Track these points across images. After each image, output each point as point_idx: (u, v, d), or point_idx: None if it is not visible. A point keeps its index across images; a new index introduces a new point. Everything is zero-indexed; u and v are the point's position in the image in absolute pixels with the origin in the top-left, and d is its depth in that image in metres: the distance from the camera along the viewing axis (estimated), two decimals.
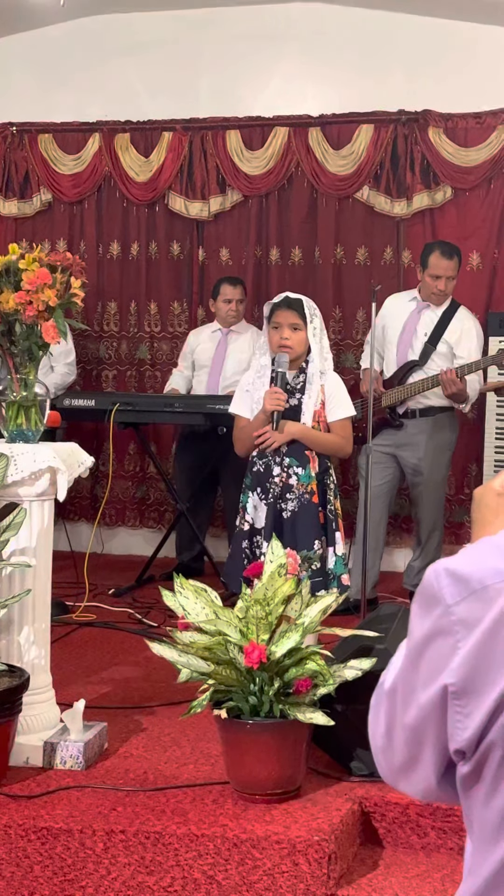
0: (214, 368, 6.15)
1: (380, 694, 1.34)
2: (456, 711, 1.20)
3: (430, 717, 1.23)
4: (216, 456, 5.91)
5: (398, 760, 1.31)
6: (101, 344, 7.04)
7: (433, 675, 1.22)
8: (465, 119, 6.34)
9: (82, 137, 6.93)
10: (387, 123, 6.45)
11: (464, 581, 1.21)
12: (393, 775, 1.33)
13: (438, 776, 1.27)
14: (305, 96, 6.61)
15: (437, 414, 5.50)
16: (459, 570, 1.22)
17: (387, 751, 1.32)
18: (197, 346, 6.30)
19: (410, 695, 1.25)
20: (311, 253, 6.67)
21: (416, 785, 1.31)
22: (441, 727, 1.23)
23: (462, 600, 1.20)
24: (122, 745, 3.42)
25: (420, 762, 1.28)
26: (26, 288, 3.19)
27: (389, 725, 1.30)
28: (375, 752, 1.35)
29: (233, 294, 6.15)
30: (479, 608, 1.19)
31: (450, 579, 1.22)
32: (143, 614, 5.21)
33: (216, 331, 6.27)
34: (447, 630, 1.21)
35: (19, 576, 3.27)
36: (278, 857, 2.74)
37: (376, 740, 1.34)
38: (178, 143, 6.76)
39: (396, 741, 1.29)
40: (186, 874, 2.78)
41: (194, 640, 2.97)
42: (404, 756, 1.29)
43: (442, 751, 1.24)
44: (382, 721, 1.32)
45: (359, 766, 3.16)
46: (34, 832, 2.85)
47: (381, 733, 1.32)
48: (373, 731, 1.35)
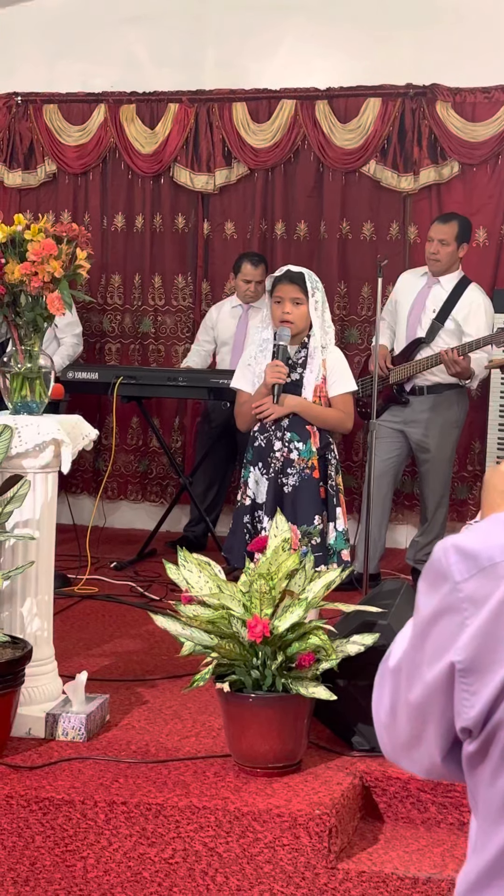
0: (237, 345, 6.13)
1: (384, 671, 1.33)
2: (462, 689, 1.20)
3: (436, 695, 1.22)
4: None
5: (402, 738, 1.30)
6: (105, 317, 7.01)
7: (440, 652, 1.21)
8: (474, 93, 6.29)
9: (87, 108, 6.89)
10: (394, 97, 6.40)
11: (472, 558, 1.20)
12: (396, 752, 1.33)
13: (443, 754, 1.27)
14: (312, 69, 6.56)
15: (444, 391, 5.49)
16: (468, 547, 1.21)
17: (390, 728, 1.32)
18: (218, 322, 6.29)
19: (416, 672, 1.25)
20: (317, 227, 6.64)
21: (419, 762, 1.31)
22: (447, 705, 1.22)
23: (470, 577, 1.19)
24: (123, 718, 3.43)
25: (424, 740, 1.27)
26: (32, 259, 3.17)
27: (394, 703, 1.30)
28: (379, 729, 1.35)
29: (253, 275, 6.12)
30: (487, 585, 1.18)
31: (458, 556, 1.21)
32: (144, 588, 5.21)
33: (236, 306, 6.25)
34: (455, 607, 1.20)
35: (23, 547, 3.27)
36: (279, 830, 2.75)
37: (380, 717, 1.34)
38: (184, 115, 6.71)
39: (400, 719, 1.29)
40: (187, 846, 2.79)
41: (197, 613, 2.97)
42: (408, 734, 1.29)
43: (447, 729, 1.24)
44: (387, 698, 1.31)
45: (360, 740, 3.17)
46: (36, 803, 2.86)
47: (385, 710, 1.32)
48: (376, 708, 1.34)
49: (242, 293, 6.17)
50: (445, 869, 2.74)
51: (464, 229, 5.52)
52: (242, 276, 6.14)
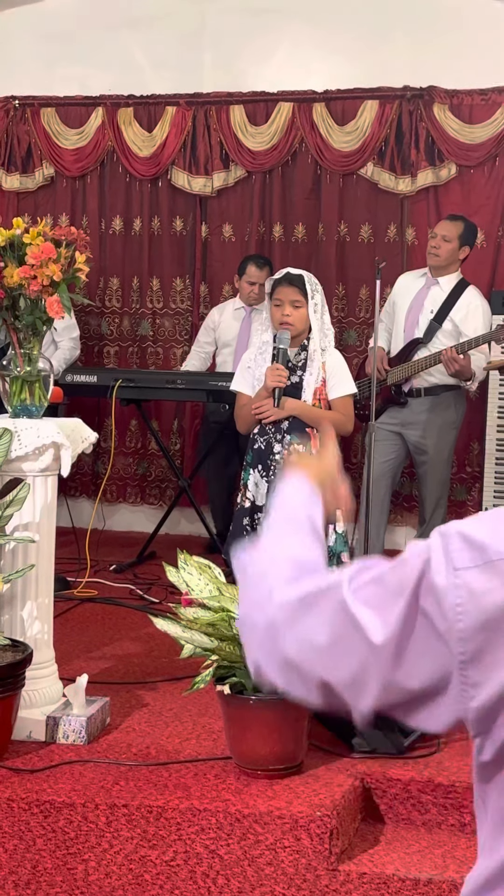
0: (240, 347, 6.13)
1: (347, 621, 1.19)
2: (461, 681, 1.15)
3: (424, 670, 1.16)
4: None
5: (366, 704, 1.20)
6: (103, 320, 7.02)
7: (429, 636, 1.15)
8: (471, 96, 6.30)
9: (85, 111, 6.89)
10: (392, 99, 6.42)
11: (479, 548, 1.14)
12: (338, 701, 1.23)
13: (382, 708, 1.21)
14: (310, 71, 6.57)
15: (441, 393, 5.50)
16: (475, 537, 1.15)
17: (349, 691, 1.21)
18: (220, 324, 6.29)
19: (403, 656, 1.17)
20: (315, 230, 6.64)
21: (360, 703, 1.22)
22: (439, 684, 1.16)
23: (474, 567, 1.13)
24: (124, 720, 3.43)
25: (368, 691, 1.19)
26: (30, 262, 3.17)
27: (363, 672, 1.19)
28: (281, 638, 1.23)
29: (258, 277, 6.12)
30: (493, 579, 1.12)
31: (463, 543, 1.15)
32: (144, 590, 5.21)
33: (239, 308, 6.25)
34: (447, 592, 1.13)
35: (22, 551, 3.27)
36: (280, 832, 2.75)
37: (311, 641, 1.21)
38: (182, 118, 6.72)
39: (374, 690, 1.19)
40: (188, 848, 2.79)
41: (198, 616, 2.97)
42: (378, 703, 1.20)
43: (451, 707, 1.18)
44: (352, 664, 1.19)
45: (360, 742, 3.17)
46: (37, 806, 2.86)
47: (346, 678, 1.20)
48: (303, 630, 1.22)
49: (246, 295, 6.18)
50: (446, 870, 2.75)
51: (469, 231, 5.54)
52: (247, 279, 6.15)
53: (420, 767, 3.07)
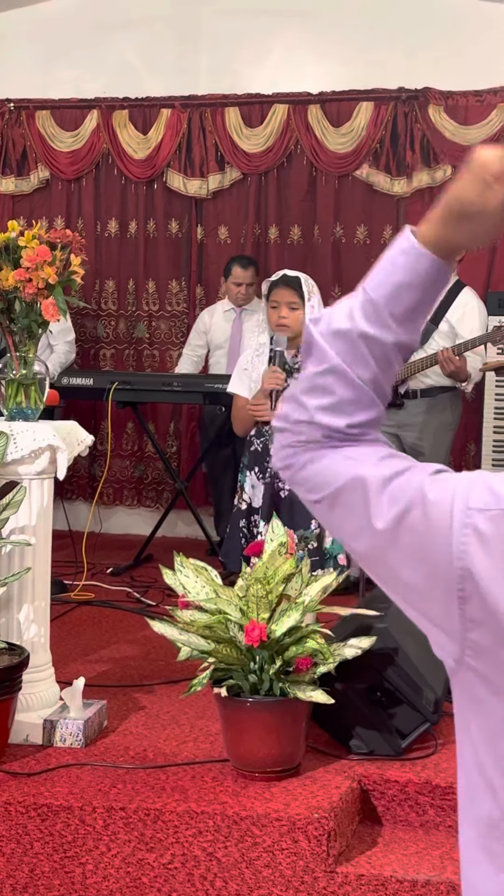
0: (232, 349, 6.14)
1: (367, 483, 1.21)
2: (460, 614, 1.16)
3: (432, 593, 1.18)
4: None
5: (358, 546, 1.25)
6: (99, 323, 7.02)
7: (432, 559, 1.16)
8: (466, 97, 6.31)
9: (80, 114, 6.90)
10: (387, 101, 6.42)
11: (497, 496, 1.14)
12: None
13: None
14: (305, 73, 6.58)
15: (437, 394, 5.50)
16: (497, 487, 1.15)
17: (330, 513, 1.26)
18: (211, 326, 6.29)
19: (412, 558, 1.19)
20: (311, 231, 6.65)
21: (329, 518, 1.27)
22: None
23: (488, 511, 1.13)
24: (121, 723, 3.42)
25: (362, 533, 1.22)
26: (26, 265, 3.17)
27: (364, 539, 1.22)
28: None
29: (243, 277, 6.13)
30: (500, 528, 1.12)
31: (485, 488, 1.15)
32: (141, 593, 5.21)
33: (229, 310, 6.26)
34: (458, 523, 1.14)
35: (19, 554, 3.27)
36: (278, 834, 2.75)
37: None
38: (177, 121, 6.72)
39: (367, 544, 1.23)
40: (186, 851, 2.79)
41: (194, 618, 2.97)
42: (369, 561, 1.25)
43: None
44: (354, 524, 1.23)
45: (358, 744, 3.17)
46: (34, 809, 2.86)
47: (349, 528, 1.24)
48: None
49: (234, 296, 6.19)
50: (444, 871, 2.74)
51: None
52: (233, 279, 6.15)
53: (417, 769, 3.07)
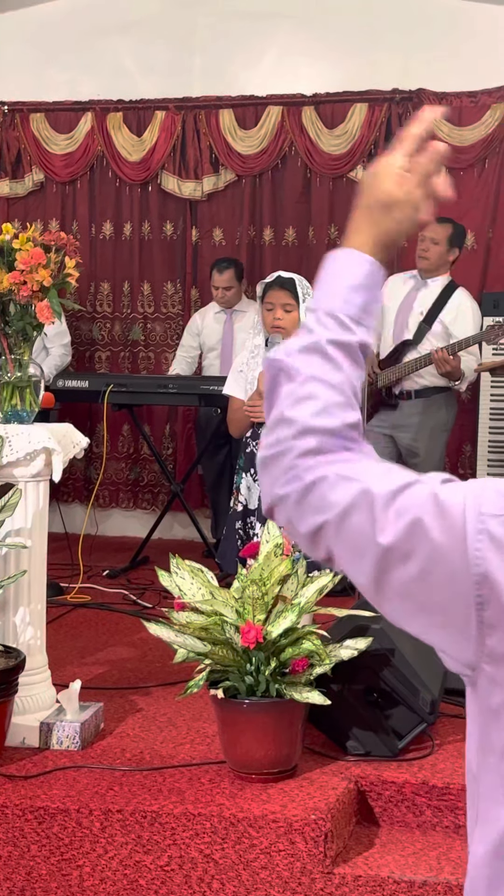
0: (225, 350, 6.15)
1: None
2: (478, 620, 1.15)
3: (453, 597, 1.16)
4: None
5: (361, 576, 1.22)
6: (95, 325, 7.02)
7: (448, 566, 1.15)
8: (460, 98, 6.32)
9: (74, 117, 6.90)
10: (381, 102, 6.43)
11: None
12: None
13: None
14: (299, 75, 6.58)
15: (432, 395, 5.50)
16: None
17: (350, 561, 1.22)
18: (203, 329, 6.31)
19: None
20: (305, 233, 6.65)
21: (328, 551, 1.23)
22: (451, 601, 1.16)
23: (500, 516, 1.13)
24: (118, 726, 3.42)
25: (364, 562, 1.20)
26: (20, 268, 3.17)
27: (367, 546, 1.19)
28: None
29: (220, 281, 6.17)
30: None
31: (495, 492, 1.15)
32: (137, 595, 5.21)
33: (219, 312, 6.27)
34: (471, 529, 1.14)
35: (15, 557, 3.26)
36: (275, 835, 2.75)
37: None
38: (171, 123, 6.73)
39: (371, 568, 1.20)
40: (183, 853, 2.78)
41: (191, 620, 2.97)
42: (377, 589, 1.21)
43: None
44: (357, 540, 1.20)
45: (354, 745, 3.17)
46: (31, 812, 2.86)
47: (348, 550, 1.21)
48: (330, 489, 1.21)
49: (219, 300, 6.22)
50: (441, 872, 2.74)
51: (457, 233, 5.55)
52: (213, 284, 6.20)
53: (414, 769, 3.07)
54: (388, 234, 1.30)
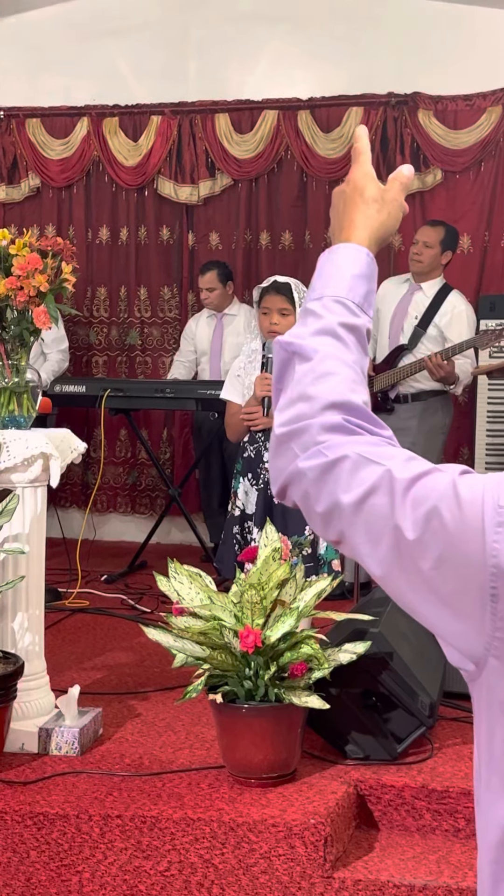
0: (214, 354, 6.16)
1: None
2: (492, 612, 1.14)
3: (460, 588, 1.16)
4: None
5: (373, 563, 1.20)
6: (91, 330, 7.02)
7: (464, 561, 1.14)
8: (455, 101, 6.33)
9: (70, 122, 6.90)
10: (376, 106, 6.44)
11: None
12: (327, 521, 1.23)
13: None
14: (294, 79, 6.59)
15: (428, 398, 5.50)
16: None
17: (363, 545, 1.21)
18: (197, 333, 6.32)
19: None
20: (301, 237, 6.66)
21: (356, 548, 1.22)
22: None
23: None
24: (116, 731, 3.42)
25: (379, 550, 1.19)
26: (17, 273, 3.17)
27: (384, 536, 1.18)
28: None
29: (202, 282, 6.20)
30: None
31: None
32: (135, 600, 5.20)
33: (211, 315, 6.29)
34: (490, 523, 1.13)
35: (13, 562, 3.26)
36: (274, 840, 2.75)
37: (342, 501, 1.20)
38: (167, 127, 6.73)
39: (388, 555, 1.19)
40: (183, 858, 2.78)
41: (189, 625, 2.97)
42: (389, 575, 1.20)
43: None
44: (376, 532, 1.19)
45: (353, 749, 3.17)
46: (30, 818, 2.85)
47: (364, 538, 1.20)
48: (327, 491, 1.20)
49: (203, 301, 6.25)
50: (441, 876, 2.74)
51: (450, 236, 5.56)
52: (199, 287, 6.22)
53: (413, 773, 3.07)
54: (383, 228, 1.36)
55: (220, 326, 6.21)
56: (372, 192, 1.37)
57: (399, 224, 1.39)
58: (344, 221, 1.37)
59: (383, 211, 1.37)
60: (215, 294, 6.18)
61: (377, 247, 1.37)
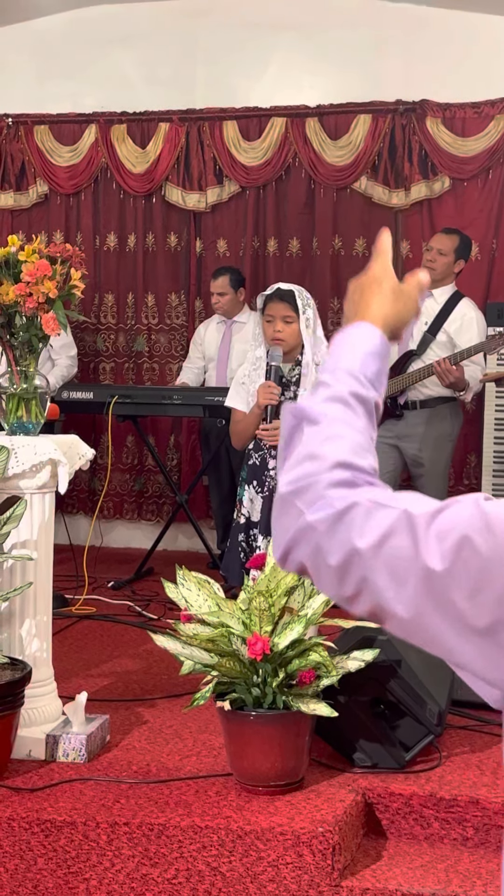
0: (221, 360, 6.16)
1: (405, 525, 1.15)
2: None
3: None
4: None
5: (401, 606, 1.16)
6: (99, 336, 7.02)
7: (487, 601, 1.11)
8: (463, 109, 6.33)
9: (78, 129, 6.91)
10: (384, 113, 6.44)
11: None
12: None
13: None
14: (302, 86, 6.60)
15: (437, 405, 5.49)
16: None
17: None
18: (205, 339, 6.32)
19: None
20: (309, 244, 6.66)
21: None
22: None
23: None
24: (124, 738, 3.41)
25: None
26: (26, 280, 3.17)
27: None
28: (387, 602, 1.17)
29: (213, 287, 6.19)
30: None
31: None
32: (142, 607, 5.20)
33: (220, 322, 6.29)
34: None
35: (21, 568, 3.26)
36: (282, 848, 2.74)
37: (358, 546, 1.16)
38: (175, 134, 6.74)
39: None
40: (190, 866, 2.77)
41: (197, 632, 2.96)
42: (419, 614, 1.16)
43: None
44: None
45: (361, 757, 3.16)
46: (38, 825, 2.85)
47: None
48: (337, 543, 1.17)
49: (214, 306, 6.25)
50: (449, 884, 2.73)
51: (464, 245, 5.57)
52: (211, 291, 6.23)
53: (422, 782, 3.06)
54: (397, 317, 1.42)
55: (229, 333, 6.21)
56: (390, 283, 1.42)
57: (412, 318, 1.44)
58: (360, 306, 1.42)
59: (399, 301, 1.41)
60: (226, 299, 6.18)
61: (390, 334, 1.40)
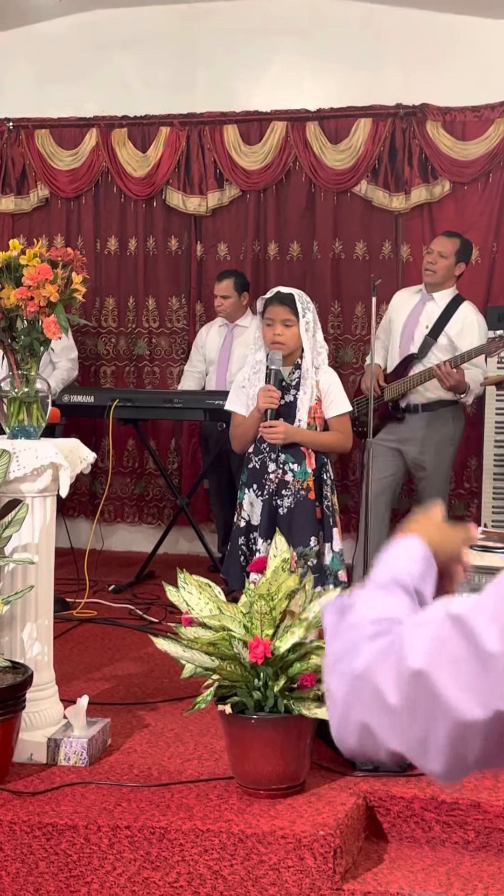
0: (221, 364, 6.16)
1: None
2: None
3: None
4: None
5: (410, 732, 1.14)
6: (100, 340, 7.03)
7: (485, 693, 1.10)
8: (464, 112, 6.34)
9: (79, 133, 6.92)
10: (385, 117, 6.44)
11: None
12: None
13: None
14: (303, 90, 6.61)
15: (438, 408, 5.50)
16: None
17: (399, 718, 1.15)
18: (207, 342, 6.32)
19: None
20: (310, 247, 6.66)
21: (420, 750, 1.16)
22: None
23: None
24: (125, 742, 3.41)
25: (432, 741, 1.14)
26: (27, 283, 3.17)
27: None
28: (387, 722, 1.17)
29: (217, 289, 6.19)
30: None
31: None
32: (143, 610, 5.20)
33: (222, 325, 6.29)
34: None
35: (22, 572, 3.26)
36: (284, 851, 2.74)
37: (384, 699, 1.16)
38: (176, 138, 6.75)
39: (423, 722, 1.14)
40: (192, 869, 2.77)
41: (198, 635, 2.97)
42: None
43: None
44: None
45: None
46: (39, 828, 2.85)
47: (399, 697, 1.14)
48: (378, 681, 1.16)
49: (217, 308, 6.25)
50: (451, 888, 2.73)
51: (465, 248, 5.57)
52: (215, 293, 6.23)
53: (423, 785, 3.06)
54: (439, 546, 1.45)
55: (231, 337, 6.22)
56: (440, 520, 1.50)
57: (451, 561, 1.46)
58: (408, 527, 1.48)
59: (444, 537, 1.46)
60: (229, 302, 6.18)
61: (435, 556, 1.44)
